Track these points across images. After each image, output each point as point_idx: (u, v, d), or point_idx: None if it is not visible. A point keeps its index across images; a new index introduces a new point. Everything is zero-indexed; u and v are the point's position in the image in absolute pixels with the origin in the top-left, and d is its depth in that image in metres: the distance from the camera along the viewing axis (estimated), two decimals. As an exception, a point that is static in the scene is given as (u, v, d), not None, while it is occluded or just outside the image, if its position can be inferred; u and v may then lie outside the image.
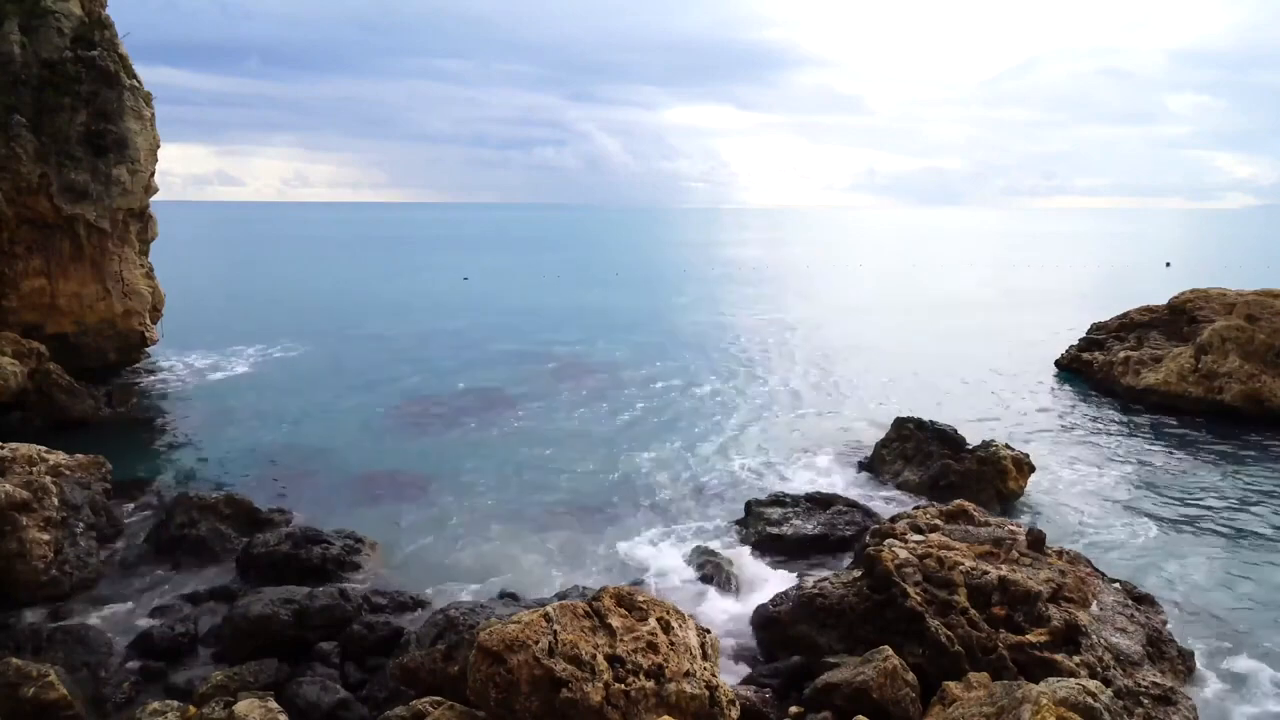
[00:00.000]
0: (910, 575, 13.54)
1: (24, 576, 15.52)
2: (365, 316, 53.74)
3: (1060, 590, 13.59)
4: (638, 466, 24.35)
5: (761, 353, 42.38)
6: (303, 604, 14.45)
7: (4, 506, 15.76)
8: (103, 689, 12.99)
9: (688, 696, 10.28)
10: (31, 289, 30.29)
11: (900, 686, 11.75)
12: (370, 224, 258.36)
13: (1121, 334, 35.85)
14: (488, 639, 10.28)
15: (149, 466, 23.91)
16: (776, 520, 18.91)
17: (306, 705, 12.22)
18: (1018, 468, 21.59)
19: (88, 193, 30.15)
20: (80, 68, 30.19)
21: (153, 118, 32.52)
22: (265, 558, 17.06)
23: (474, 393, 33.29)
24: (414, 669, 12.41)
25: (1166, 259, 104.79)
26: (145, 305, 33.29)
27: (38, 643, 13.86)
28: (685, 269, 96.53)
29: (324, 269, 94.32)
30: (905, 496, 21.57)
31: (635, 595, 11.53)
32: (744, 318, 55.15)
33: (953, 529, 15.71)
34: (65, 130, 29.66)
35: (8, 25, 29.05)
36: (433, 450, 25.71)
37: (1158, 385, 30.75)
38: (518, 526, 19.94)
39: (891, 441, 23.82)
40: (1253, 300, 31.40)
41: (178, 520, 18.27)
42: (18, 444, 18.09)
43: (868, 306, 62.47)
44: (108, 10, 32.26)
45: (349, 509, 20.82)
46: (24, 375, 26.71)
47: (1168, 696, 12.11)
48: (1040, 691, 9.74)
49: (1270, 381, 28.63)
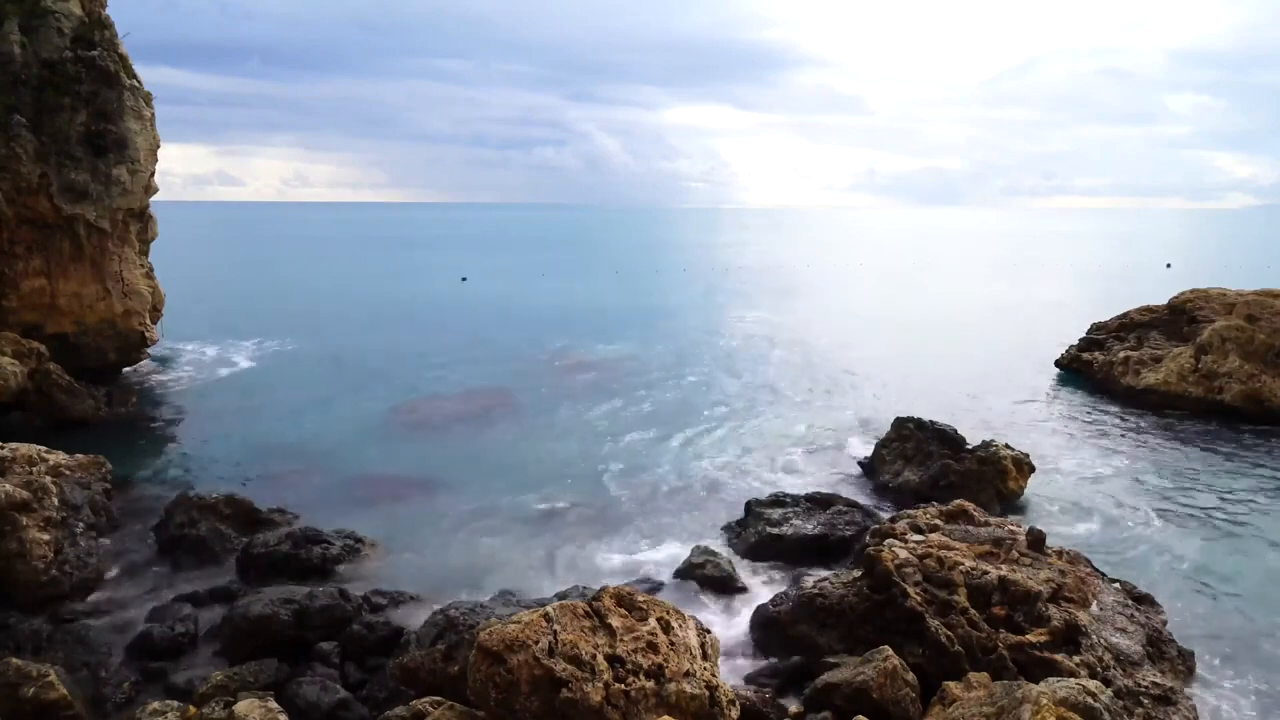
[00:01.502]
0: (910, 575, 13.55)
1: (24, 576, 15.52)
2: (365, 316, 53.76)
3: (1060, 590, 13.60)
4: (638, 466, 24.36)
5: (762, 352, 42.39)
6: (303, 604, 14.45)
7: (4, 506, 15.76)
8: (103, 689, 12.99)
9: (688, 696, 10.28)
10: (31, 289, 30.28)
11: (900, 686, 11.75)
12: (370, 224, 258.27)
13: (1121, 334, 35.84)
14: (488, 639, 10.28)
15: (149, 466, 23.91)
16: (776, 520, 18.91)
17: (306, 705, 12.22)
18: (1018, 468, 21.58)
19: (88, 193, 30.14)
20: (80, 68, 30.18)
21: (153, 118, 32.51)
22: (265, 558, 17.07)
23: (474, 392, 33.30)
24: (414, 669, 12.41)
25: (1167, 259, 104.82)
26: (145, 305, 33.28)
27: (38, 643, 13.87)
28: (685, 269, 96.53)
29: (324, 269, 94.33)
30: (905, 496, 21.57)
31: (635, 595, 11.53)
32: (744, 317, 55.18)
33: (953, 529, 15.71)
34: (65, 130, 29.65)
35: (8, 25, 29.04)
36: (432, 450, 25.71)
37: (1158, 385, 30.76)
38: (518, 526, 19.95)
39: (891, 441, 23.81)
40: (1253, 300, 31.43)
41: (178, 520, 18.27)
42: (18, 444, 18.10)
43: (868, 306, 62.54)
44: (108, 10, 32.25)
45: (349, 509, 20.81)
46: (24, 375, 26.71)
47: (1168, 696, 12.11)
48: (1040, 691, 9.74)
49: (1270, 381, 28.64)
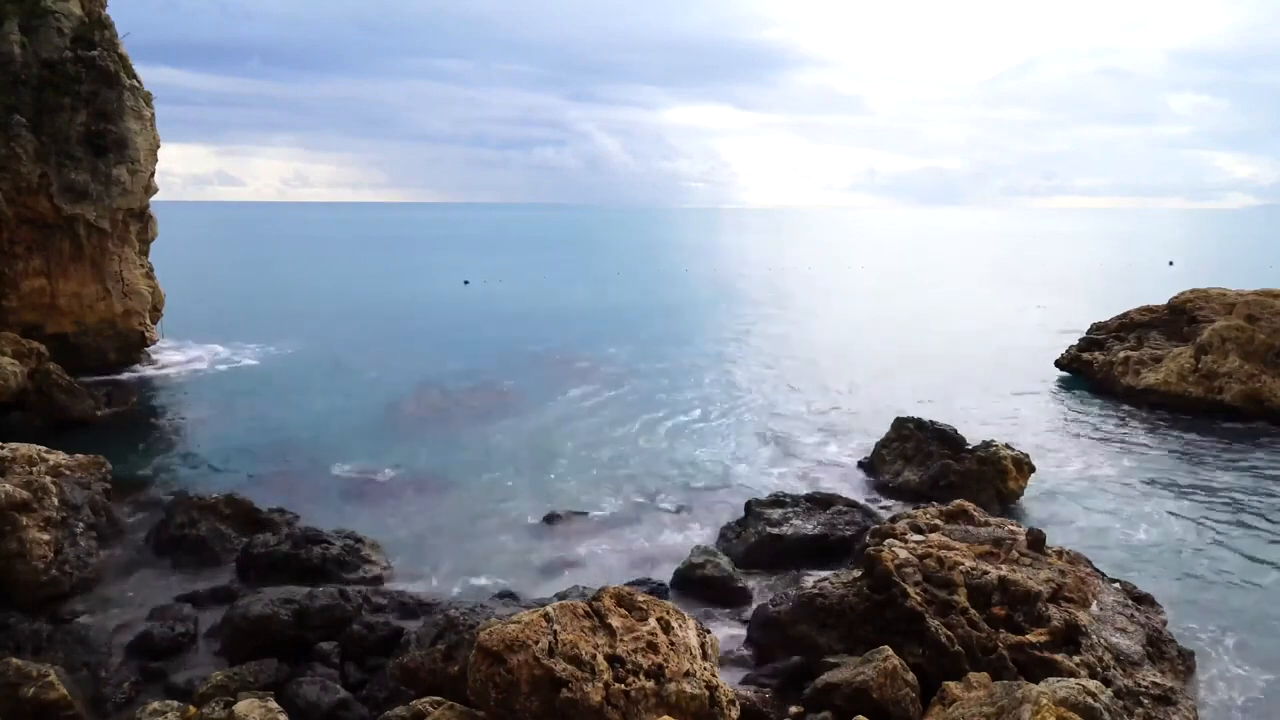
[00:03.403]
0: (910, 575, 13.54)
1: (24, 576, 15.52)
2: (365, 317, 53.75)
3: (1060, 590, 13.59)
4: (638, 466, 24.37)
5: (762, 353, 42.42)
6: (303, 604, 14.45)
7: (4, 506, 15.76)
8: (103, 689, 12.99)
9: (688, 696, 10.27)
10: (31, 289, 30.30)
11: (900, 686, 11.75)
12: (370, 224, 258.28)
13: (1121, 334, 35.84)
14: (488, 639, 10.28)
15: (149, 466, 23.91)
16: (776, 520, 18.90)
17: (306, 705, 12.21)
18: (1018, 468, 21.57)
19: (88, 193, 30.15)
20: (80, 68, 30.20)
21: (153, 118, 32.53)
22: (265, 558, 17.07)
23: (474, 393, 33.30)
24: (414, 669, 12.40)
25: (1167, 259, 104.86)
26: (145, 305, 33.29)
27: (38, 643, 13.87)
28: (685, 269, 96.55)
29: (324, 269, 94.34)
30: (905, 496, 21.57)
31: (635, 595, 11.52)
32: (744, 318, 55.19)
33: (953, 529, 15.70)
34: (65, 130, 29.67)
35: (8, 25, 29.06)
36: (433, 450, 25.71)
37: (1158, 385, 30.75)
38: (518, 526, 19.96)
39: (891, 441, 23.81)
40: (1253, 300, 31.42)
41: (178, 520, 18.28)
42: (18, 444, 18.10)
43: (868, 307, 62.56)
44: (108, 10, 32.28)
45: (349, 509, 20.83)
46: (24, 375, 26.71)
47: (1168, 696, 12.11)
48: (1040, 691, 9.74)
49: (1270, 381, 28.63)
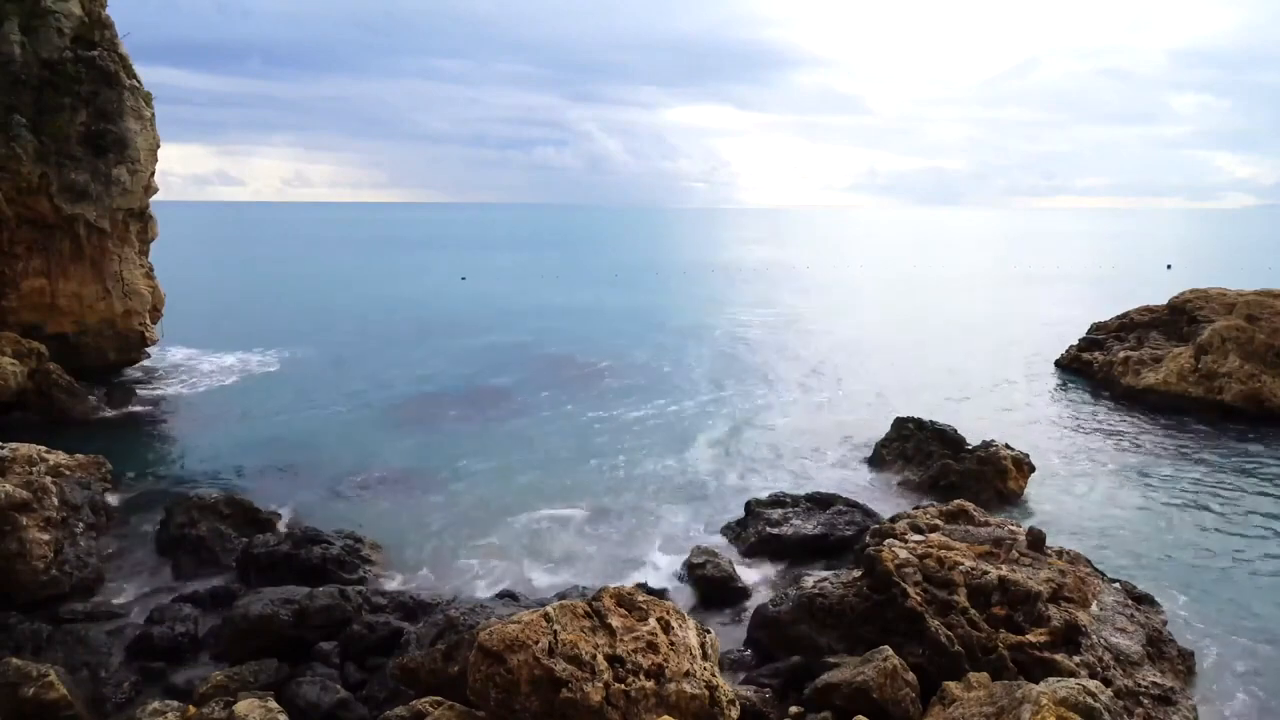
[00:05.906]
0: (910, 575, 13.54)
1: (24, 576, 15.52)
2: (364, 316, 53.75)
3: (1060, 590, 13.59)
4: (637, 466, 24.37)
5: (761, 353, 42.41)
6: (303, 604, 14.45)
7: (4, 506, 15.77)
8: (103, 689, 13.00)
9: (688, 696, 10.27)
10: (31, 289, 30.27)
11: (900, 686, 11.75)
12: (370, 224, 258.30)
13: (1121, 334, 35.86)
14: (488, 639, 10.28)
15: (149, 466, 23.91)
16: (776, 520, 18.92)
17: (306, 705, 12.22)
18: (1018, 467, 21.59)
19: (88, 193, 30.13)
20: (80, 68, 30.17)
21: (153, 118, 32.49)
22: (265, 558, 17.07)
23: (474, 393, 33.30)
24: (414, 669, 12.40)
25: (1167, 259, 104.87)
26: (145, 305, 33.27)
27: (38, 643, 13.88)
28: (685, 269, 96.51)
29: (324, 269, 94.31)
30: (905, 496, 21.58)
31: (635, 595, 11.53)
32: (744, 318, 55.17)
33: (953, 529, 15.71)
34: (65, 130, 29.64)
35: (8, 25, 29.03)
36: (433, 450, 25.70)
37: (1158, 385, 30.75)
38: (517, 526, 19.95)
39: (891, 441, 23.83)
40: (1253, 300, 31.41)
41: (178, 520, 18.27)
42: (18, 444, 18.11)
43: (868, 307, 62.54)
44: (108, 10, 32.24)
45: (349, 509, 20.83)
46: (24, 375, 26.72)
47: (1168, 696, 12.11)
48: (1040, 691, 9.74)
49: (1270, 381, 28.63)
